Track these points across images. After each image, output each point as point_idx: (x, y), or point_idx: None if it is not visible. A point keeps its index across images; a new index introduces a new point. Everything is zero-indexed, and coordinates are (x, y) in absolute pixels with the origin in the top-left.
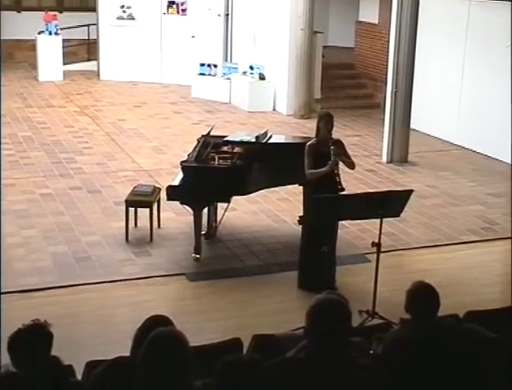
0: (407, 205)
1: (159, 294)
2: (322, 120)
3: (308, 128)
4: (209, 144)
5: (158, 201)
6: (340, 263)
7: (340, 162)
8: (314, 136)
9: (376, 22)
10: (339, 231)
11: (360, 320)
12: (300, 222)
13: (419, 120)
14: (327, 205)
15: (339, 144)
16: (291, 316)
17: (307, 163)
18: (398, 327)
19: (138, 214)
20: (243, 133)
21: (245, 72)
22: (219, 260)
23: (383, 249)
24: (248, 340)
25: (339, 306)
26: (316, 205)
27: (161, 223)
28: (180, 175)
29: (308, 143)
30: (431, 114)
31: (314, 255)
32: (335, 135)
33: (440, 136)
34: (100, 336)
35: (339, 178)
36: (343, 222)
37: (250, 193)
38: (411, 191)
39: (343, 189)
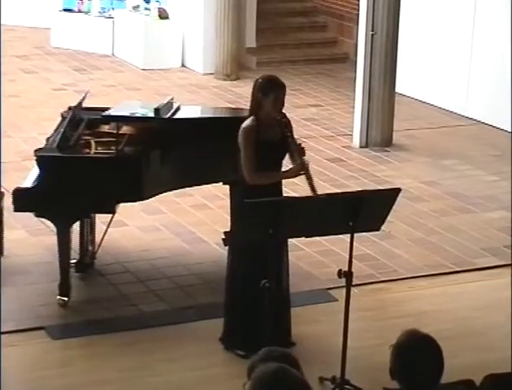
0: (392, 212)
1: (4, 361)
2: (270, 93)
3: (237, 94)
4: (81, 121)
5: (0, 213)
6: (291, 304)
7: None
8: (248, 110)
9: None
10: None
11: None
12: (226, 241)
13: (410, 81)
14: (267, 215)
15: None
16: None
17: (247, 158)
18: None
19: None
20: (135, 104)
21: (136, 7)
22: (98, 304)
23: (356, 282)
24: None
25: (287, 375)
26: (248, 215)
27: (4, 247)
28: (36, 172)
29: (244, 125)
30: (427, 72)
31: (249, 295)
32: None
33: (443, 105)
34: None
35: (312, 184)
36: (293, 240)
37: (148, 198)
38: (398, 191)
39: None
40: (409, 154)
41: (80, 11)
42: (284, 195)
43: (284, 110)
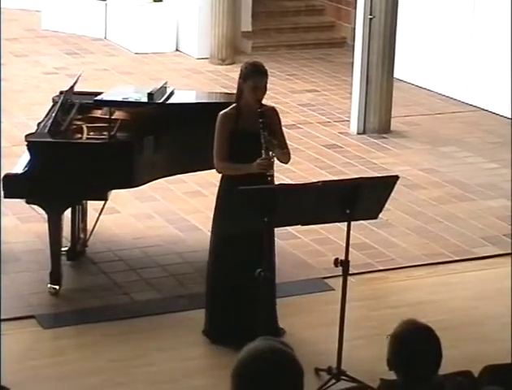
0: (390, 200)
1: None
2: (248, 79)
3: (232, 79)
4: (72, 106)
5: None
6: (285, 294)
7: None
8: (234, 99)
9: None
10: (283, 242)
11: (318, 383)
12: None
13: (409, 66)
14: (262, 203)
15: (271, 116)
16: (206, 380)
17: (217, 145)
18: None
19: None
20: (128, 89)
21: None
22: (90, 293)
23: (352, 271)
24: None
25: (281, 363)
26: (241, 203)
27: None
28: (27, 157)
29: (222, 112)
30: (427, 58)
31: (232, 285)
32: (273, 91)
33: (442, 91)
34: None
35: (271, 178)
36: (288, 228)
37: (140, 185)
38: (396, 178)
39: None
40: (407, 141)
41: None
42: (279, 182)
43: (280, 96)
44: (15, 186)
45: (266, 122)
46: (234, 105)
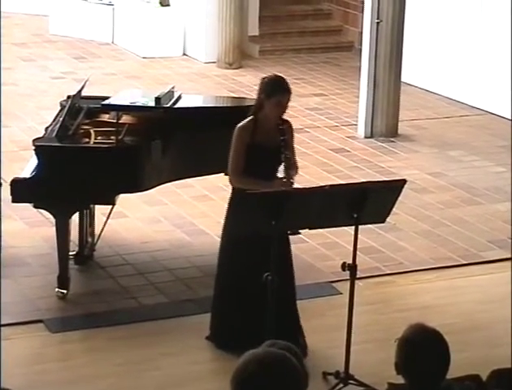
0: (397, 203)
1: (1, 355)
2: (273, 96)
3: (239, 83)
4: (80, 110)
5: None
6: None
7: None
8: (240, 103)
9: None
10: (290, 246)
11: (326, 388)
12: None
13: (416, 70)
14: (270, 206)
15: (288, 132)
16: (212, 385)
17: (233, 158)
18: None
19: None
20: (135, 93)
21: None
22: (98, 297)
23: (360, 275)
24: None
25: (285, 368)
26: (251, 207)
27: (2, 239)
28: (34, 162)
29: (239, 125)
30: (434, 61)
31: (246, 288)
32: None
33: (450, 95)
34: None
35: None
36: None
37: (148, 189)
38: (403, 182)
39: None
40: (415, 145)
41: None
42: None
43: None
44: (23, 190)
45: (287, 139)
46: (250, 118)
